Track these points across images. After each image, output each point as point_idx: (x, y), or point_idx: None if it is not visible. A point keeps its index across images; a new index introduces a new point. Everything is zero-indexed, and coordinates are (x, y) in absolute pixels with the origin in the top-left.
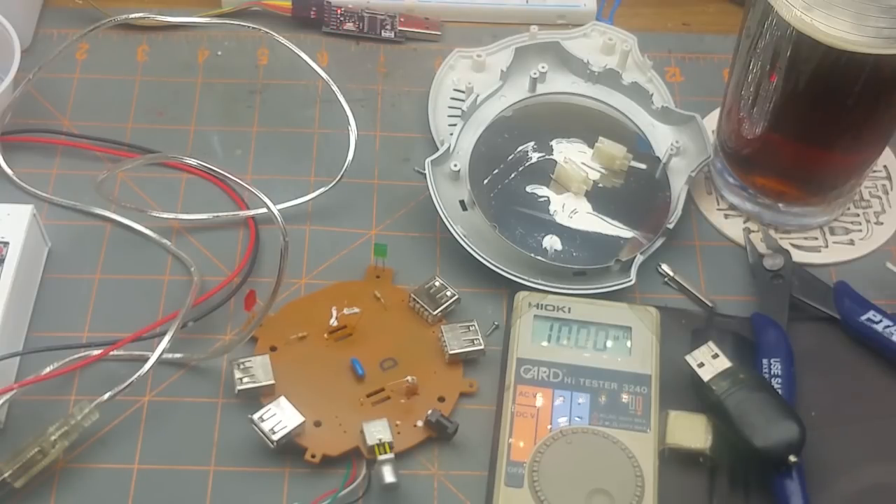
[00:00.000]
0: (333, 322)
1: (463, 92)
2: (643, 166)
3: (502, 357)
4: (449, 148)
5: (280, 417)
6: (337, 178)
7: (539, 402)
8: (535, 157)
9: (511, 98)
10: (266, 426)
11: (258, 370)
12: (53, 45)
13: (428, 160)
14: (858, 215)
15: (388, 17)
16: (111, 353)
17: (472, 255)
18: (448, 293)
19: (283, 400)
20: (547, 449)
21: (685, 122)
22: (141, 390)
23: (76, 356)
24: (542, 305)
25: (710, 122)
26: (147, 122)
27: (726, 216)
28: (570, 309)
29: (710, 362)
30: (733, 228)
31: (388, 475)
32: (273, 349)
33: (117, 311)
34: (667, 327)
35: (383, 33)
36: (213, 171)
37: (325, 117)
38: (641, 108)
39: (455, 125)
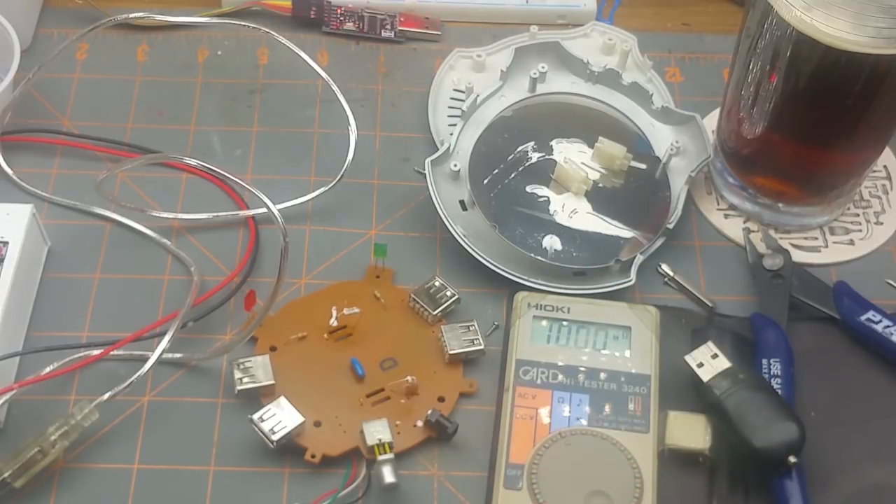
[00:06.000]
0: (333, 322)
1: (463, 92)
2: (643, 166)
3: (502, 357)
4: (449, 148)
5: (280, 417)
6: (337, 178)
7: (538, 403)
8: (535, 157)
9: (511, 98)
10: (266, 426)
11: (258, 370)
12: (53, 45)
13: (428, 160)
14: (858, 215)
15: (388, 16)
16: (111, 353)
17: (472, 255)
18: (448, 293)
19: (282, 400)
20: (546, 451)
21: (685, 122)
22: (141, 390)
23: (76, 356)
24: (541, 306)
25: (710, 122)
26: (147, 122)
27: (726, 216)
28: (569, 309)
29: (709, 362)
30: (733, 228)
31: (388, 475)
32: (273, 349)
33: (117, 311)
34: (667, 327)
35: (383, 33)
36: (213, 171)
37: (325, 117)
38: (641, 108)
39: (455, 125)
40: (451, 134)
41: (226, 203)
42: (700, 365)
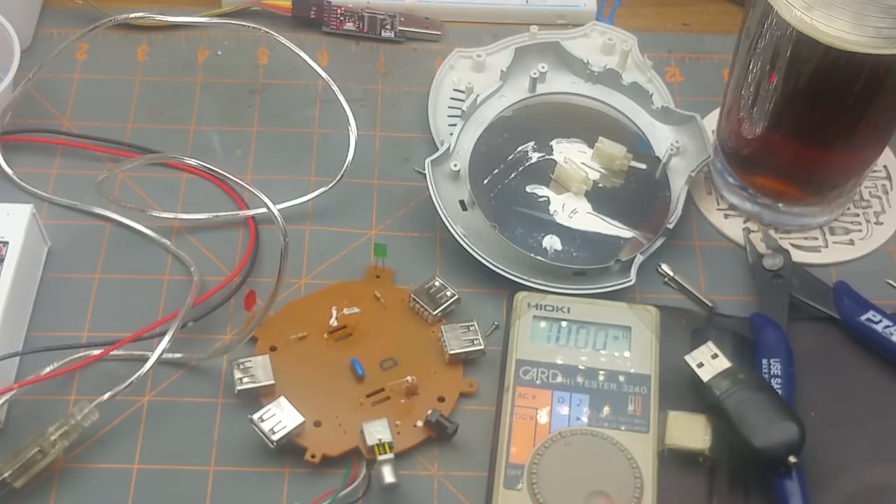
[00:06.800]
0: (333, 322)
1: (463, 92)
2: (643, 166)
3: (502, 357)
4: (449, 148)
5: (280, 417)
6: (337, 178)
7: (538, 403)
8: (535, 157)
9: (511, 98)
10: (266, 426)
11: (258, 370)
12: (53, 45)
13: (428, 160)
14: (858, 215)
15: (388, 16)
16: (111, 353)
17: (472, 255)
18: (448, 293)
19: (282, 400)
20: (546, 450)
21: (685, 122)
22: (141, 390)
23: (76, 356)
24: (541, 306)
25: (710, 122)
26: (147, 122)
27: (726, 216)
28: (569, 309)
29: (709, 362)
30: (733, 228)
31: (388, 475)
32: (273, 349)
33: (117, 311)
34: (667, 327)
35: (383, 33)
36: (213, 171)
37: (325, 117)
38: (641, 108)
39: (455, 125)
40: (451, 134)
41: (226, 203)
42: (700, 365)
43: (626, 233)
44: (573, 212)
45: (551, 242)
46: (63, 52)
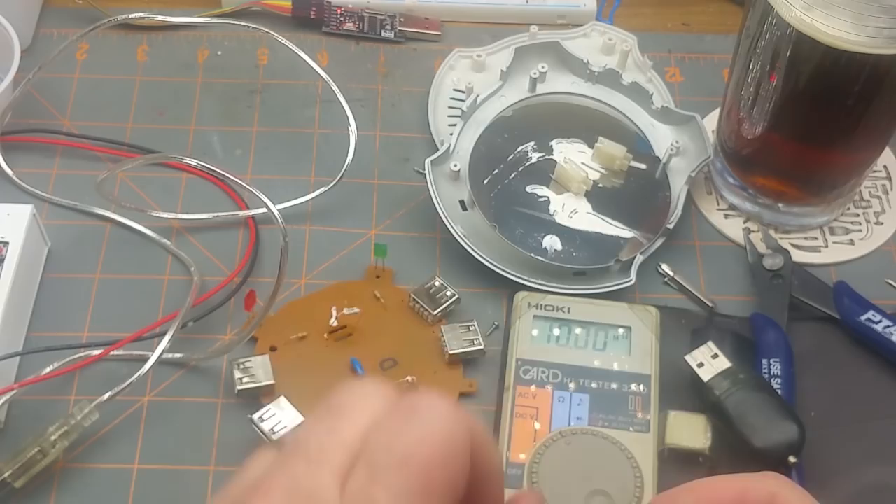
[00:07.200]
0: (333, 322)
1: (463, 92)
2: (643, 166)
3: (502, 357)
4: (449, 148)
5: (280, 417)
6: (337, 178)
7: (538, 403)
8: (535, 157)
9: (511, 98)
10: (266, 426)
11: (258, 370)
12: (53, 45)
13: (428, 160)
14: (858, 215)
15: (388, 17)
16: (111, 353)
17: (472, 255)
18: (448, 293)
19: (283, 400)
20: (546, 450)
21: (685, 122)
22: (141, 390)
23: (76, 356)
24: (541, 306)
25: (710, 122)
26: (147, 122)
27: (726, 216)
28: (569, 309)
29: (709, 362)
30: (733, 228)
31: None
32: (273, 349)
33: (117, 311)
34: (667, 327)
35: (383, 33)
36: (213, 171)
37: (325, 117)
38: (641, 108)
39: (455, 125)
40: (451, 134)
41: (226, 203)
42: (700, 365)
43: (626, 233)
44: (573, 212)
45: (551, 242)
46: (63, 52)
